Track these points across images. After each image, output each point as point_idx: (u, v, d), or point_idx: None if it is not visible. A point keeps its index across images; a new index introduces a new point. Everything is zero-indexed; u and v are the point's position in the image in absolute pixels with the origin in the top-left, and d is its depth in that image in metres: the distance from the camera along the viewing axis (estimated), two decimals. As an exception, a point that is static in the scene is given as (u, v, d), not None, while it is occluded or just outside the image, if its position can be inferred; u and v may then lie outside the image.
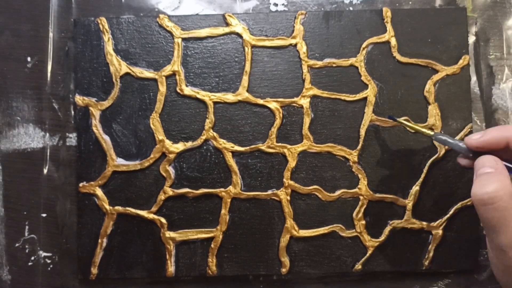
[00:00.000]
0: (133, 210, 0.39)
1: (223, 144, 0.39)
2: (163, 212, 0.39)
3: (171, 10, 0.41)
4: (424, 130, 0.36)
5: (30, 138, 0.41)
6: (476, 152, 0.32)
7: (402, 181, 0.40)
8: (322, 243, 0.39)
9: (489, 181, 0.30)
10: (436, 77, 0.40)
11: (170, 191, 0.39)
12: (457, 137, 0.40)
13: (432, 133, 0.35)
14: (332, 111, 0.40)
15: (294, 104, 0.40)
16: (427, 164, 0.39)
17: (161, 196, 0.39)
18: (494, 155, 0.31)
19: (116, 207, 0.39)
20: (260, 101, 0.40)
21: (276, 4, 0.41)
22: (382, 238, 0.39)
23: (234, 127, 0.40)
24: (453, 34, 0.40)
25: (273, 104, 0.40)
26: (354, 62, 0.40)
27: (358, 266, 0.39)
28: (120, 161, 0.40)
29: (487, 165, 0.31)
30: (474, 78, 0.41)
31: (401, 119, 0.38)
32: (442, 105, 0.40)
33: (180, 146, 0.39)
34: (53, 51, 0.41)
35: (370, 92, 0.40)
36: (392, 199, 0.39)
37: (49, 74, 0.41)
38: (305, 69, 0.40)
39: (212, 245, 0.39)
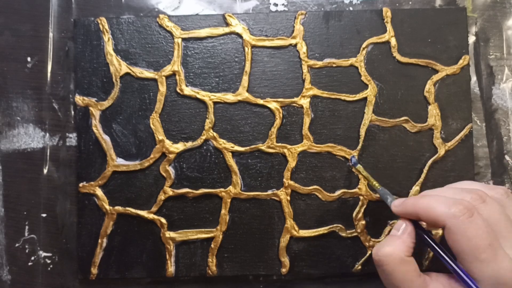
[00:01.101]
0: (133, 210, 0.39)
1: (223, 144, 0.39)
2: (163, 212, 0.39)
3: (171, 10, 0.41)
4: (374, 183, 0.36)
5: (30, 138, 0.41)
6: None
7: (402, 181, 0.40)
8: (322, 243, 0.39)
9: (385, 243, 0.31)
10: (436, 77, 0.40)
11: (170, 191, 0.39)
12: (457, 137, 0.40)
13: (379, 187, 0.36)
14: (332, 111, 0.40)
15: (294, 104, 0.40)
16: (427, 164, 0.39)
17: (161, 196, 0.39)
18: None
19: (116, 207, 0.39)
20: (260, 101, 0.40)
21: (276, 4, 0.41)
22: (382, 238, 0.39)
23: (234, 127, 0.40)
24: (453, 34, 0.40)
25: (273, 104, 0.40)
26: (354, 62, 0.40)
27: (358, 266, 0.39)
28: (120, 161, 0.40)
29: (395, 227, 0.32)
30: (474, 78, 0.41)
31: (360, 168, 0.38)
32: (442, 105, 0.40)
33: (180, 146, 0.39)
34: (53, 51, 0.41)
35: (370, 92, 0.40)
36: (392, 199, 0.39)
37: (49, 74, 0.41)
38: (305, 69, 0.40)
39: (212, 245, 0.39)
